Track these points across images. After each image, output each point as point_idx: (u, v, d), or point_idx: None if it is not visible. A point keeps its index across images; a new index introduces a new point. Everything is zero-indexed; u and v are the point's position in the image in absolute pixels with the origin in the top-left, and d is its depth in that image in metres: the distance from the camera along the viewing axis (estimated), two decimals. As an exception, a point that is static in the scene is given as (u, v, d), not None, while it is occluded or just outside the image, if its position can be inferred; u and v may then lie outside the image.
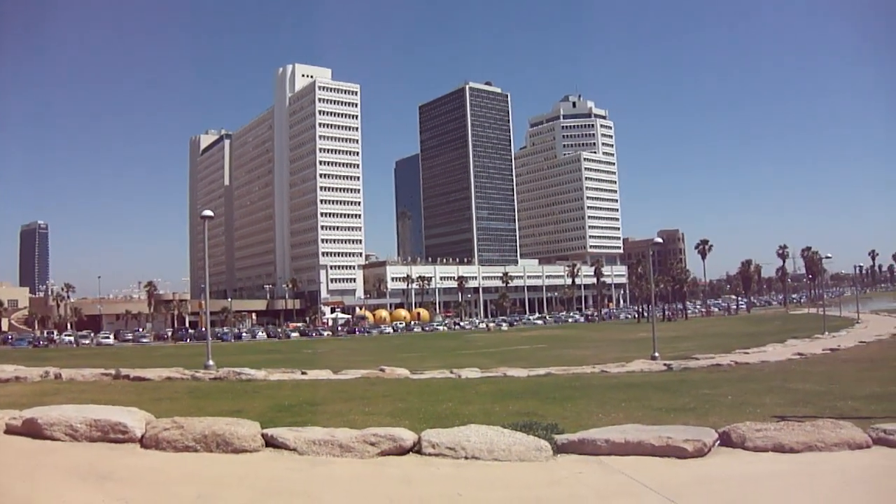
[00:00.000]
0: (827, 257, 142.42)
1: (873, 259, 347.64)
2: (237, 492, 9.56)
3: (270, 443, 11.98)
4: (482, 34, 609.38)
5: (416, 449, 11.83)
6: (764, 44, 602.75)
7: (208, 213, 49.82)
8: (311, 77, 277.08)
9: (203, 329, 78.80)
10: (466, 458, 11.42)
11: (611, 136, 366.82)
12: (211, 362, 39.08)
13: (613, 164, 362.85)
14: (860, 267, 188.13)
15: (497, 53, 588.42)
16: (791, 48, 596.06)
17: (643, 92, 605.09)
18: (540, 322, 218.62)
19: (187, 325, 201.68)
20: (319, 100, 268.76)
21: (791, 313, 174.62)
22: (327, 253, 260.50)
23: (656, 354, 47.72)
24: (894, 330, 70.46)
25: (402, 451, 11.76)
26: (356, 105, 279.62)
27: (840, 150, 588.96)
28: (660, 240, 73.35)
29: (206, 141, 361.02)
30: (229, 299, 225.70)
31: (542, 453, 11.54)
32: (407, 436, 12.01)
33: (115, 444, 11.99)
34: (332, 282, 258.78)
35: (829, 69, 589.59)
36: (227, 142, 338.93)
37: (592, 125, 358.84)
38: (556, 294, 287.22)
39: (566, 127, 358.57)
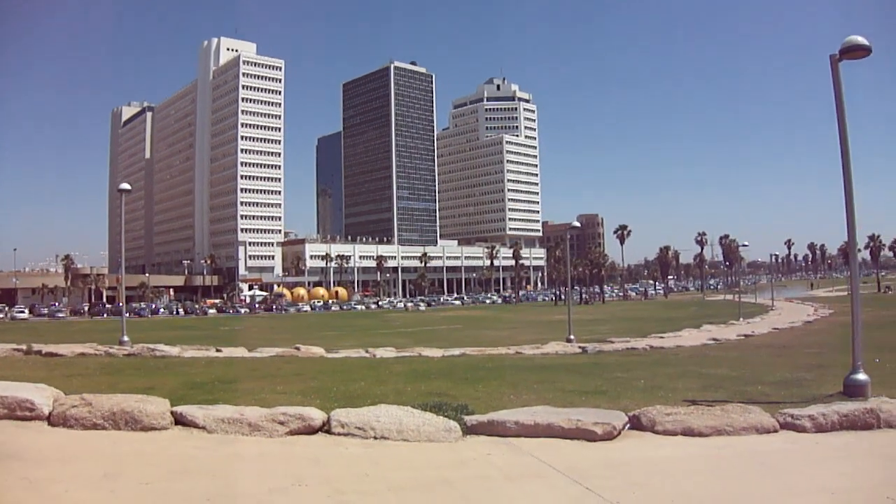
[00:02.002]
0: (744, 245, 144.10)
1: (789, 248, 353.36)
2: (144, 470, 9.42)
3: (180, 420, 11.92)
4: (409, 13, 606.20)
5: (326, 428, 11.82)
6: (684, 28, 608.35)
7: (125, 186, 49.00)
8: (236, 51, 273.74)
9: (120, 304, 78.19)
10: (375, 438, 11.46)
11: (534, 120, 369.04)
12: (126, 338, 38.50)
13: (535, 147, 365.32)
14: (776, 256, 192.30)
15: (423, 33, 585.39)
16: (710, 31, 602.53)
17: (568, 77, 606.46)
18: (458, 303, 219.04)
19: (104, 299, 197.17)
20: (244, 74, 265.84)
21: (707, 299, 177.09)
22: (246, 229, 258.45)
23: (572, 337, 47.69)
24: (807, 317, 71.61)
25: (311, 431, 11.75)
26: (280, 81, 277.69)
27: (761, 139, 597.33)
28: (578, 224, 73.61)
29: (127, 113, 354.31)
30: (147, 274, 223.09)
31: (451, 434, 11.58)
32: (316, 415, 11.99)
33: (22, 421, 11.80)
34: (250, 258, 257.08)
35: (749, 54, 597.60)
36: (149, 114, 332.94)
37: (516, 108, 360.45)
38: (474, 275, 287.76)
39: (489, 109, 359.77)
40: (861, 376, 16.10)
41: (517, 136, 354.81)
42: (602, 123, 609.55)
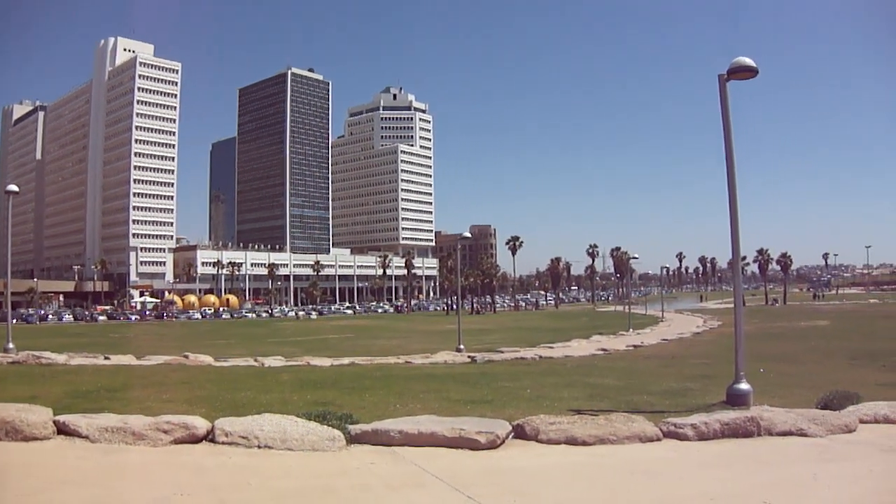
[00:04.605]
0: (634, 258, 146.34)
1: (680, 261, 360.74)
2: (24, 481, 9.26)
3: (63, 430, 11.71)
4: (307, 19, 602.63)
5: (210, 437, 11.75)
6: (577, 39, 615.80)
7: (13, 188, 47.86)
8: (133, 52, 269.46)
9: (6, 310, 75.93)
10: (259, 447, 11.39)
11: (429, 130, 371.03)
12: (11, 345, 37.59)
13: (430, 157, 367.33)
14: (667, 268, 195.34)
15: (321, 40, 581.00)
16: (603, 43, 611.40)
17: (464, 88, 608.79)
18: (350, 312, 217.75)
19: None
20: (140, 76, 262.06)
21: (598, 310, 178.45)
22: (138, 234, 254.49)
23: (461, 346, 47.89)
24: (696, 329, 72.78)
25: (195, 440, 11.66)
26: (176, 84, 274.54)
27: (654, 154, 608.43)
28: (468, 234, 74.00)
29: (19, 111, 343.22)
30: (36, 279, 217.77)
31: (335, 443, 11.55)
32: (200, 424, 11.92)
33: None
34: (141, 264, 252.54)
35: (641, 68, 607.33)
36: (41, 114, 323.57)
37: (411, 118, 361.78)
38: (367, 284, 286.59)
39: (385, 118, 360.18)
40: (743, 386, 16.56)
41: (412, 145, 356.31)
42: (496, 135, 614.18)
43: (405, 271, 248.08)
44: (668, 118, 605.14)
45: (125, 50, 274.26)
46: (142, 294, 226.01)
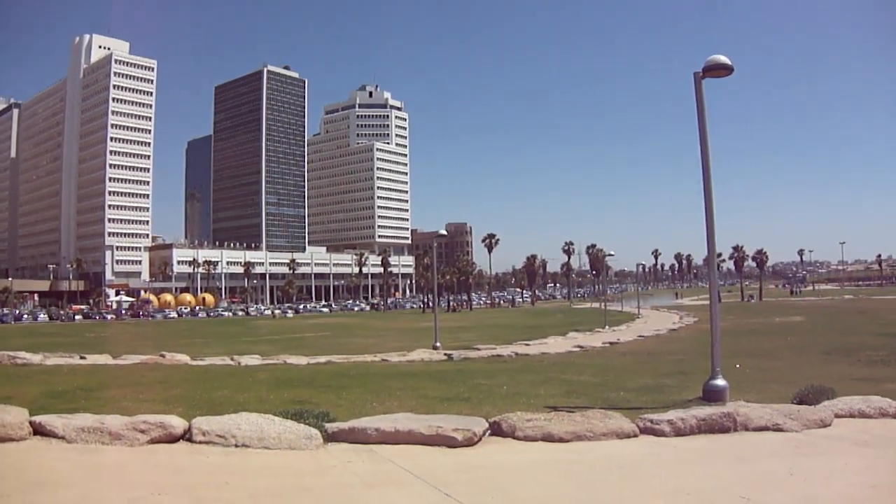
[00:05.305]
0: (610, 255, 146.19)
1: (656, 258, 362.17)
2: (0, 484, 9.13)
3: (39, 430, 11.60)
4: (283, 17, 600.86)
5: (187, 437, 11.68)
6: (554, 38, 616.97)
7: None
8: (109, 49, 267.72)
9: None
10: (237, 445, 11.35)
11: (405, 128, 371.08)
12: (-14, 345, 37.49)
13: (406, 155, 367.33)
14: (643, 265, 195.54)
15: (298, 38, 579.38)
16: (580, 42, 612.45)
17: (440, 86, 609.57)
18: (326, 310, 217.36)
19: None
20: (115, 73, 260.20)
21: (574, 307, 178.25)
22: (114, 233, 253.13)
23: (438, 344, 47.85)
24: (672, 325, 72.84)
25: (172, 439, 11.60)
26: (152, 81, 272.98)
27: (630, 151, 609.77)
28: (445, 232, 74.19)
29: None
30: (10, 279, 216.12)
31: (312, 441, 11.53)
32: (177, 423, 11.86)
33: None
34: (117, 263, 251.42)
35: (619, 67, 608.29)
36: (15, 111, 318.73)
37: (387, 115, 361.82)
38: (343, 282, 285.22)
39: (361, 116, 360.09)
40: (720, 382, 16.66)
41: (388, 143, 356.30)
42: (473, 133, 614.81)
43: (381, 269, 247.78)
44: (644, 117, 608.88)
45: (100, 47, 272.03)
46: (118, 293, 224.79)
